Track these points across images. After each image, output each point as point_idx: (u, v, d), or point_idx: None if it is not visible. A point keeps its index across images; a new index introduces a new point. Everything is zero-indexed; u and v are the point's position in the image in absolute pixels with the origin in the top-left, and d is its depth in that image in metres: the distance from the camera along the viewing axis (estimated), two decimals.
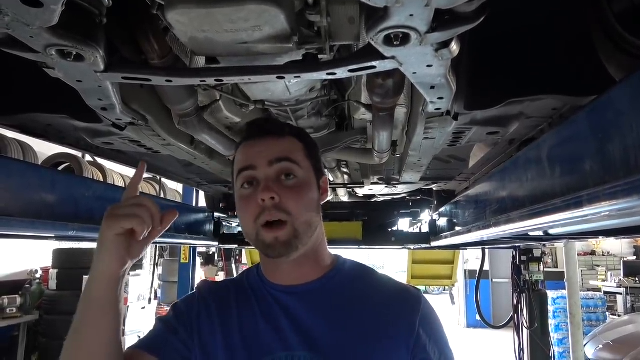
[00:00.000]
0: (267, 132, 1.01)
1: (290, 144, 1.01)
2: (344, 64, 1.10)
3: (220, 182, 3.29)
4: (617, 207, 0.73)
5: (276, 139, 1.00)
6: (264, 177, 0.95)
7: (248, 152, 1.00)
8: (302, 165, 0.99)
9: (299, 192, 0.96)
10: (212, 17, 0.98)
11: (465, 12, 0.87)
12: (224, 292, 1.08)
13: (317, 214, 1.02)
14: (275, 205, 0.92)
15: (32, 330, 6.38)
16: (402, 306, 1.01)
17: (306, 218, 0.96)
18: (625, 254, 13.30)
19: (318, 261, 1.04)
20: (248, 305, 1.03)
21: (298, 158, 0.99)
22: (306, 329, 0.97)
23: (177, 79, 1.19)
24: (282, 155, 0.97)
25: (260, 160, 0.96)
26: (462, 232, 2.37)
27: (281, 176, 0.96)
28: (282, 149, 0.98)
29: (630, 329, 6.38)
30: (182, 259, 6.03)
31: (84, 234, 1.76)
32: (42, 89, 1.47)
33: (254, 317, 1.01)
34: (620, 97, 0.77)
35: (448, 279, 6.06)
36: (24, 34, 0.90)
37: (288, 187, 0.95)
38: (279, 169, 0.96)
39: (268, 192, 0.92)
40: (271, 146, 0.98)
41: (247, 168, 0.97)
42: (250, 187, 0.97)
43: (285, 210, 0.93)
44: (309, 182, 1.00)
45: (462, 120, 1.55)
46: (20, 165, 1.64)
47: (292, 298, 1.01)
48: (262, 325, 0.99)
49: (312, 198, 0.99)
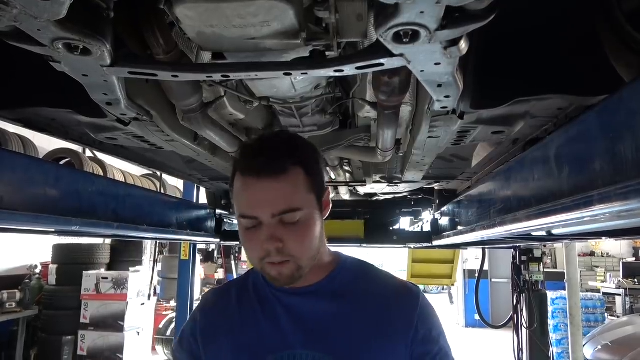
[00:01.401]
0: (267, 171, 0.93)
1: (292, 183, 0.95)
2: (351, 61, 1.09)
3: (221, 178, 3.28)
4: (629, 207, 0.73)
5: (277, 179, 0.93)
6: (267, 224, 0.93)
7: (249, 197, 0.95)
8: (305, 204, 0.96)
9: (303, 234, 0.96)
10: (220, 12, 0.97)
11: (476, 10, 0.87)
12: (226, 298, 1.13)
13: (321, 237, 1.02)
14: (279, 250, 0.93)
15: (32, 325, 6.38)
16: (401, 302, 1.04)
17: (309, 254, 0.98)
18: (625, 255, 13.31)
19: (319, 266, 1.05)
20: (250, 306, 1.07)
21: (299, 199, 0.95)
22: (309, 328, 1.00)
23: (184, 74, 1.19)
24: (285, 206, 0.93)
25: (262, 211, 0.93)
26: (465, 231, 2.37)
27: (283, 221, 0.94)
28: (284, 196, 0.93)
29: (628, 330, 6.38)
30: (182, 256, 6.01)
31: (86, 228, 1.76)
32: (47, 83, 1.47)
33: (256, 318, 1.04)
34: (633, 96, 0.76)
35: (448, 279, 6.04)
36: (32, 27, 0.90)
37: (292, 230, 0.94)
38: (282, 219, 0.93)
39: (273, 242, 0.92)
40: (272, 192, 0.93)
41: (249, 217, 0.95)
42: (253, 227, 0.95)
43: (289, 254, 0.94)
44: (312, 218, 0.98)
45: (467, 119, 1.54)
46: (23, 159, 1.64)
47: (295, 298, 1.03)
48: (264, 325, 1.03)
49: (315, 234, 0.99)
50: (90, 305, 6.37)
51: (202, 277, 11.02)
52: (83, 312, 6.35)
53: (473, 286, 5.76)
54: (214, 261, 12.33)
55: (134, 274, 6.68)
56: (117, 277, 6.50)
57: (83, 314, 6.35)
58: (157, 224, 2.50)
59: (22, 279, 6.54)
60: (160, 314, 7.97)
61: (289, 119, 2.07)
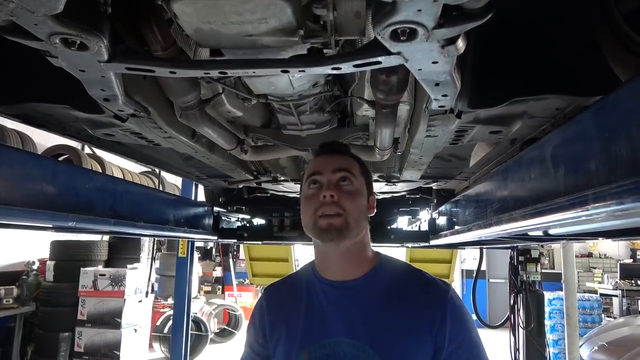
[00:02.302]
0: (334, 151, 1.30)
1: (351, 161, 1.27)
2: (349, 58, 1.09)
3: (220, 176, 3.27)
4: (623, 207, 0.73)
5: (340, 156, 1.28)
6: (327, 180, 1.20)
7: (318, 162, 1.27)
8: (357, 177, 1.24)
9: (353, 196, 1.20)
10: (218, 8, 0.97)
11: (473, 9, 0.87)
12: (282, 292, 1.33)
13: (365, 219, 1.24)
14: (333, 201, 1.15)
15: (29, 321, 6.38)
16: (429, 300, 1.16)
17: (356, 215, 1.17)
18: (622, 257, 13.33)
19: (362, 259, 1.24)
20: (300, 298, 1.25)
21: (355, 172, 1.24)
22: (349, 319, 1.15)
23: (181, 70, 1.18)
24: (343, 166, 1.23)
25: (326, 168, 1.22)
26: (462, 231, 2.37)
27: (340, 182, 1.20)
28: (343, 163, 1.24)
29: (625, 331, 6.39)
30: (180, 253, 6.00)
31: (83, 224, 1.75)
32: (44, 78, 1.46)
33: (305, 309, 1.22)
34: (628, 96, 0.76)
35: (445, 278, 6.05)
36: (28, 21, 0.90)
37: (345, 191, 1.19)
38: (339, 176, 1.20)
39: (329, 190, 1.16)
40: (335, 160, 1.25)
41: (315, 173, 1.22)
42: (314, 187, 1.21)
43: (341, 207, 1.15)
44: (361, 191, 1.23)
45: (465, 118, 1.54)
46: (21, 154, 1.63)
47: (338, 292, 1.20)
48: (311, 315, 1.20)
49: (362, 203, 1.22)
50: (88, 302, 6.37)
51: (199, 275, 11.04)
52: (80, 308, 6.35)
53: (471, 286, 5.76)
54: (212, 259, 12.34)
55: (131, 271, 6.67)
56: (115, 274, 6.50)
57: (80, 310, 6.35)
58: (154, 220, 2.49)
59: (19, 275, 6.54)
60: (158, 311, 7.98)
61: (287, 117, 2.06)
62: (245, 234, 4.19)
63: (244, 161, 2.77)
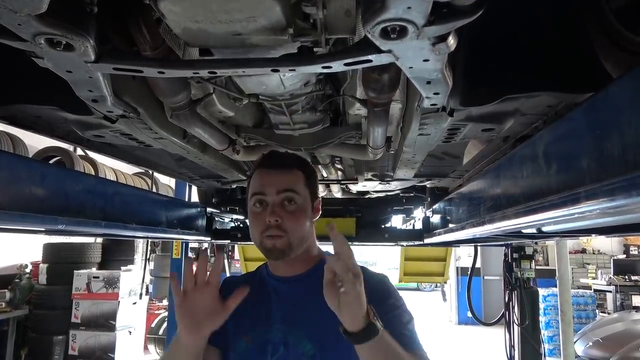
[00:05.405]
0: (277, 166, 1.31)
1: (294, 176, 1.30)
2: (339, 57, 1.08)
3: (213, 176, 3.26)
4: (615, 204, 0.72)
5: (284, 172, 1.29)
6: (271, 202, 1.25)
7: (262, 179, 1.29)
8: (302, 193, 1.28)
9: (297, 216, 1.26)
10: (206, 7, 0.96)
11: (464, 6, 0.86)
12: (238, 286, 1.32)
13: (310, 228, 1.32)
14: (277, 225, 1.22)
15: (22, 324, 6.33)
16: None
17: (299, 234, 1.26)
18: (616, 252, 13.41)
19: (307, 258, 1.33)
20: (251, 291, 1.26)
21: (299, 188, 1.28)
22: (287, 307, 1.28)
23: (170, 70, 1.17)
24: (287, 186, 1.26)
25: (270, 189, 1.26)
26: (455, 229, 2.37)
27: (284, 202, 1.25)
28: (287, 181, 1.27)
29: (619, 326, 6.44)
30: (174, 254, 5.97)
31: (73, 227, 1.73)
32: (31, 79, 1.44)
33: (256, 301, 1.29)
34: (619, 93, 0.76)
35: (440, 276, 6.06)
36: (12, 21, 0.88)
37: (289, 211, 1.25)
38: (283, 197, 1.25)
39: (273, 216, 1.23)
40: (280, 178, 1.28)
41: (260, 193, 1.27)
42: (260, 206, 1.27)
43: (284, 230, 1.23)
44: (305, 207, 1.29)
45: (457, 116, 1.54)
46: (9, 157, 1.61)
47: (284, 286, 1.33)
48: (259, 306, 1.30)
49: (306, 220, 1.29)
50: (82, 304, 6.32)
51: None
52: (74, 311, 6.31)
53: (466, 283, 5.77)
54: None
55: (125, 273, 6.63)
56: (109, 276, 6.46)
57: (74, 313, 6.30)
58: (146, 222, 2.47)
59: (12, 279, 6.48)
60: (153, 313, 7.93)
61: (279, 117, 2.05)
62: (238, 234, 4.18)
63: (236, 161, 2.75)
